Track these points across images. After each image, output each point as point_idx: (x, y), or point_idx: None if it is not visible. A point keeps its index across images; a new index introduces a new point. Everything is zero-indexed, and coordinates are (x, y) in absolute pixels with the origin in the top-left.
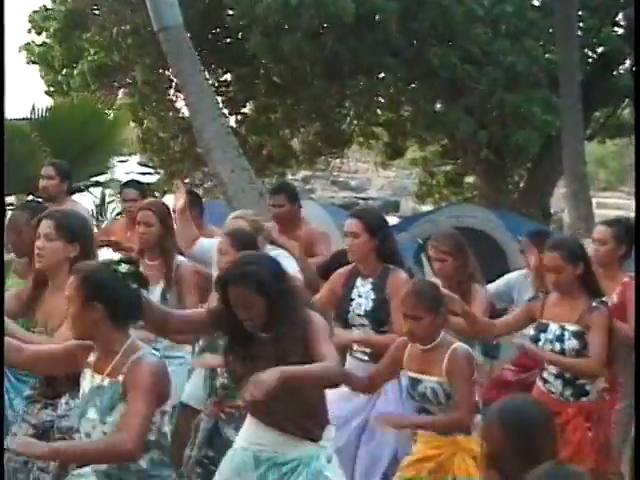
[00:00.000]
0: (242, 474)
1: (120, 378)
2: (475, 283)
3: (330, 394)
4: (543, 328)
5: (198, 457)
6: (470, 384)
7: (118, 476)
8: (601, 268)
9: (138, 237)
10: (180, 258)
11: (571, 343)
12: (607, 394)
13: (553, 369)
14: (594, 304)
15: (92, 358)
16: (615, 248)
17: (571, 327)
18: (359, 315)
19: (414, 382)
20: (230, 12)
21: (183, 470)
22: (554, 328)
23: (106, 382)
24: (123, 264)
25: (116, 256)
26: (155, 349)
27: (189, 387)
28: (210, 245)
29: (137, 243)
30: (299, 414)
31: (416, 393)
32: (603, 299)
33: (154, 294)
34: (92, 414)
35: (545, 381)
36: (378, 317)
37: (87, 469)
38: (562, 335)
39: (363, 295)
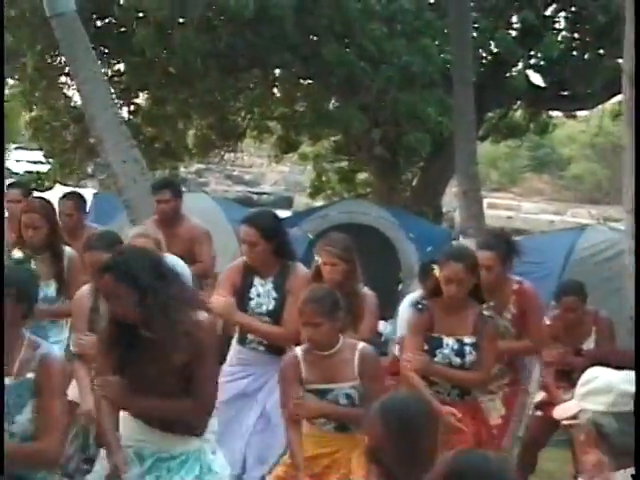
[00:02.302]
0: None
1: (29, 375)
2: (363, 287)
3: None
4: (437, 343)
5: (83, 457)
6: (383, 381)
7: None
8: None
9: (26, 239)
10: (68, 250)
11: (471, 357)
12: (508, 388)
13: None
14: (484, 313)
15: None
16: (502, 269)
17: (469, 340)
18: (260, 314)
19: (321, 393)
20: (120, 2)
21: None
22: (451, 342)
23: (9, 381)
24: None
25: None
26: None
27: None
28: None
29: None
30: None
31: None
32: (490, 313)
33: (50, 289)
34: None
35: (432, 383)
36: (281, 316)
37: None
38: (462, 350)
39: (262, 294)
